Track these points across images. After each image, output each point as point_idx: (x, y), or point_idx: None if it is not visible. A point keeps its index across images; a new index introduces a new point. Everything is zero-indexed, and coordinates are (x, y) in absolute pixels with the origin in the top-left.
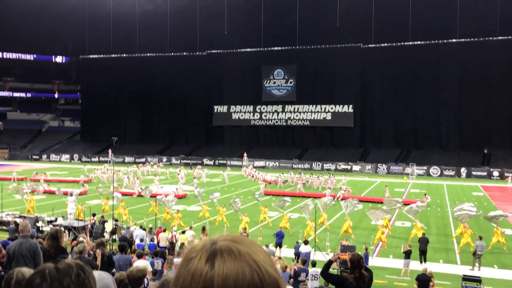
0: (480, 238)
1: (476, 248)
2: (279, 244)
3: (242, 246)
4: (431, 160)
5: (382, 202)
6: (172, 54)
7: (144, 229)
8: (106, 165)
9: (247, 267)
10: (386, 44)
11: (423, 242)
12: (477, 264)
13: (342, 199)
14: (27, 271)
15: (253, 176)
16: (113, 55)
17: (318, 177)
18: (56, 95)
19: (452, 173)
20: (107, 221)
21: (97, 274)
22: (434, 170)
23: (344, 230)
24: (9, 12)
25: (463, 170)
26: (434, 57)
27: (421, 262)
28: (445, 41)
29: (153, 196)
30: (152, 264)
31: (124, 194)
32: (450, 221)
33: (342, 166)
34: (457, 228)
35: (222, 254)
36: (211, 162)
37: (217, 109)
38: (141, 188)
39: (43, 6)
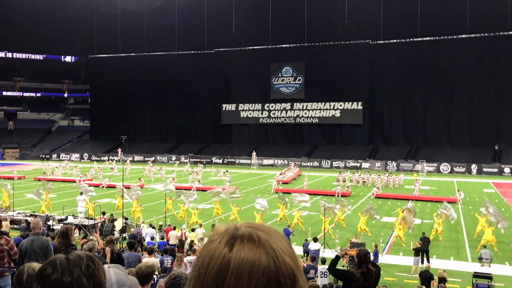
0: (485, 246)
1: (481, 255)
2: None
3: (264, 234)
4: (441, 157)
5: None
6: (180, 52)
7: (154, 227)
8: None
9: (264, 254)
10: (395, 41)
11: (425, 241)
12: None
13: (376, 197)
14: (37, 265)
15: (364, 182)
16: (121, 54)
17: (379, 175)
18: (65, 95)
19: (463, 169)
20: (116, 219)
21: (112, 271)
22: (444, 166)
23: (360, 227)
24: (18, 13)
25: (473, 167)
26: (443, 53)
27: (422, 262)
28: (454, 36)
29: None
30: (162, 262)
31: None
32: (461, 218)
33: (352, 163)
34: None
35: (242, 239)
36: (220, 161)
37: (226, 107)
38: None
39: (51, 7)
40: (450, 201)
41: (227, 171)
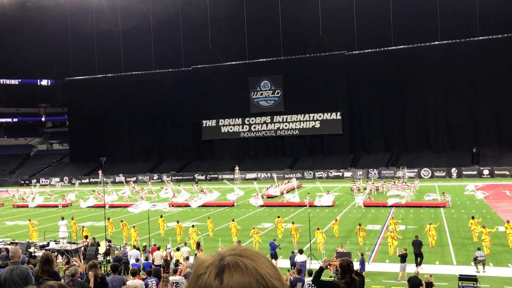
0: (479, 248)
1: (476, 255)
2: (273, 256)
3: (248, 261)
4: (421, 162)
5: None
6: (158, 71)
7: (138, 249)
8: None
9: (254, 281)
10: (369, 50)
11: (416, 245)
12: (480, 267)
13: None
14: None
15: (377, 189)
16: (98, 75)
17: (394, 183)
18: (43, 119)
19: (443, 173)
20: (99, 243)
21: None
22: (425, 172)
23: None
24: None
25: (453, 170)
26: (418, 60)
27: (416, 266)
28: (427, 44)
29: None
30: (146, 285)
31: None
32: (444, 222)
33: (334, 173)
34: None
35: (230, 269)
36: (203, 177)
37: (206, 123)
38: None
39: (25, 30)
40: (439, 206)
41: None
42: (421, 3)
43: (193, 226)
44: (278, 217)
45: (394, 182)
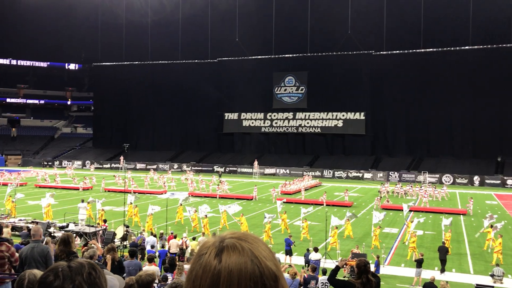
0: (497, 264)
1: (493, 272)
2: (288, 252)
3: (246, 243)
4: (443, 168)
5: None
6: (184, 61)
7: (155, 236)
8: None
9: (249, 261)
10: (398, 51)
11: (443, 251)
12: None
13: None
14: (38, 272)
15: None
16: (125, 63)
17: (421, 187)
18: (69, 102)
19: (465, 181)
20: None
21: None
22: (447, 178)
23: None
24: (23, 21)
25: (476, 178)
26: (446, 64)
27: (441, 272)
28: (457, 48)
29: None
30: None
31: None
32: (463, 229)
33: (354, 173)
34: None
35: (228, 250)
36: (222, 169)
37: (228, 116)
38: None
39: (56, 15)
40: (459, 213)
41: (222, 181)
42: (453, 7)
43: (206, 216)
44: (285, 212)
45: (412, 187)
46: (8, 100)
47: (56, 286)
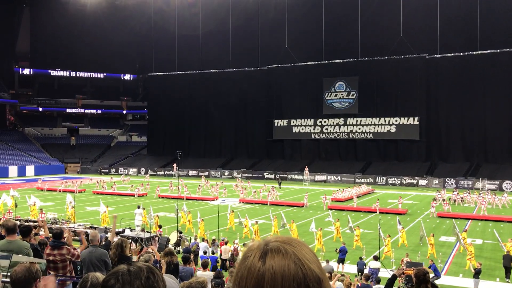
0: None
1: None
2: (341, 260)
3: (290, 247)
4: (503, 174)
5: None
6: (234, 69)
7: (207, 241)
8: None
9: (292, 264)
10: (452, 54)
11: (508, 259)
12: None
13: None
14: (100, 275)
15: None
16: (177, 72)
17: (469, 194)
18: (124, 111)
19: None
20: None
21: (167, 277)
22: (507, 185)
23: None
24: (80, 34)
25: None
26: (503, 66)
27: (506, 278)
28: None
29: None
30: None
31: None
32: None
33: (408, 180)
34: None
35: (272, 252)
36: (272, 176)
37: (278, 123)
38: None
39: (111, 28)
40: None
41: (273, 187)
42: (509, 7)
43: (256, 222)
44: (337, 220)
45: (469, 194)
46: (67, 110)
47: None
